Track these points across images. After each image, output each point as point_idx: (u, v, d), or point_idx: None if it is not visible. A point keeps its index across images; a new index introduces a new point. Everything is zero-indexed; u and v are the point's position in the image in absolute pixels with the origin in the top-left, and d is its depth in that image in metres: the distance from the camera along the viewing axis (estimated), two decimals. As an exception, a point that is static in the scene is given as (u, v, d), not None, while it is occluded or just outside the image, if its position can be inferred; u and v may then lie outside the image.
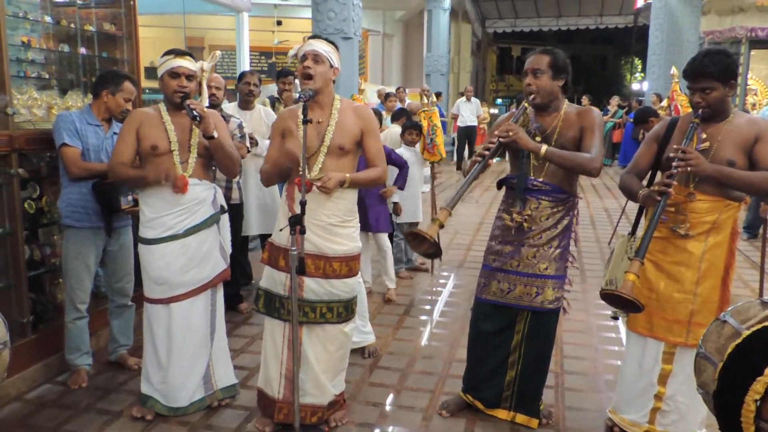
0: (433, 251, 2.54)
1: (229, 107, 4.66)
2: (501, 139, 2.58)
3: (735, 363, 1.03)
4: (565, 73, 2.74)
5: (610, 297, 2.35)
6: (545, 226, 2.76)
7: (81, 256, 3.23)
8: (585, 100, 14.66)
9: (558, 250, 2.79)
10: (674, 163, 2.38)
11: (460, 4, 18.30)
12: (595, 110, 2.79)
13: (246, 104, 4.52)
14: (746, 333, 1.04)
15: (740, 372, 1.01)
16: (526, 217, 2.74)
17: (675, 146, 2.46)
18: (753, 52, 13.27)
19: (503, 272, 2.82)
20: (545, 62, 2.71)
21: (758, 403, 0.99)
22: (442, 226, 2.50)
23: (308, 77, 2.63)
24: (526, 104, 2.73)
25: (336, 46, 2.75)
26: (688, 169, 2.37)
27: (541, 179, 2.74)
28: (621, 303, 2.33)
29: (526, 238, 2.78)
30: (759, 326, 1.04)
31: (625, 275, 2.32)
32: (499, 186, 2.94)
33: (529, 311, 2.83)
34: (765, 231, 4.18)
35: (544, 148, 2.61)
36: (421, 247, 2.52)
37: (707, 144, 2.49)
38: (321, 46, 2.67)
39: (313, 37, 2.73)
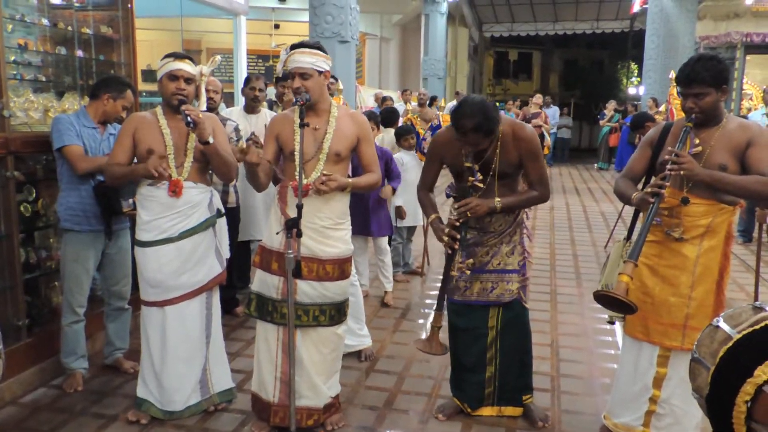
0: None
1: (234, 111, 4.68)
2: (461, 221, 2.72)
3: (726, 366, 1.04)
4: (493, 131, 2.64)
5: (603, 299, 2.36)
6: (499, 231, 2.86)
7: (80, 259, 3.22)
8: (538, 99, 12.97)
9: (510, 246, 2.88)
10: (668, 167, 2.39)
11: (458, 8, 18.34)
12: (528, 129, 2.82)
13: (251, 108, 4.53)
14: (737, 336, 1.05)
15: (731, 374, 1.03)
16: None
17: (669, 149, 2.48)
18: (748, 57, 13.34)
19: (461, 272, 2.88)
20: (480, 137, 2.62)
21: (749, 404, 1.00)
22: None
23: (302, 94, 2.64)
24: (468, 165, 2.70)
25: (321, 48, 2.73)
26: (681, 172, 2.39)
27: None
28: (614, 304, 2.33)
29: (479, 242, 2.86)
30: (749, 329, 1.05)
31: (618, 277, 2.33)
32: (448, 195, 3.00)
33: (499, 307, 2.89)
34: (760, 235, 4.20)
35: (498, 204, 2.74)
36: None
37: (700, 148, 2.51)
38: (305, 60, 2.65)
39: (296, 46, 2.70)
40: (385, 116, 5.87)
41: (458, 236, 2.74)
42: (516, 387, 2.98)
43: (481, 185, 2.74)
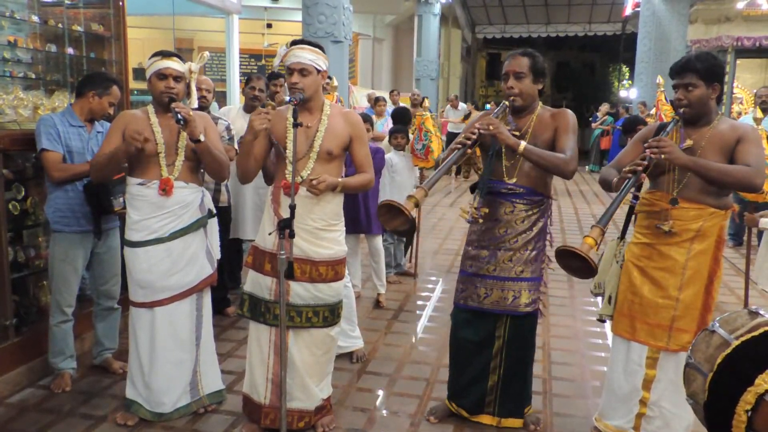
0: (407, 228, 2.45)
1: (233, 110, 4.67)
2: (482, 131, 2.57)
3: (725, 373, 1.03)
4: (543, 76, 2.76)
5: (564, 254, 2.27)
6: (521, 230, 2.78)
7: (69, 258, 3.18)
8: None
9: (534, 253, 2.80)
10: (647, 151, 2.38)
11: (450, 9, 18.36)
12: (570, 112, 2.82)
13: (251, 108, 4.52)
14: (736, 343, 1.03)
15: (730, 382, 1.01)
16: (482, 213, 2.70)
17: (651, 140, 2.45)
18: (739, 61, 13.42)
19: (480, 277, 2.82)
20: (526, 65, 2.71)
21: (749, 413, 0.98)
22: (417, 205, 2.46)
23: (298, 90, 2.62)
24: (506, 103, 2.74)
25: (321, 48, 2.72)
26: (662, 156, 2.37)
27: (513, 181, 2.75)
28: (577, 267, 2.26)
29: (502, 241, 2.79)
30: (748, 336, 1.03)
31: (584, 239, 2.28)
32: (472, 190, 2.89)
33: (509, 316, 2.83)
34: (749, 239, 4.22)
35: (522, 144, 2.61)
36: (392, 222, 2.45)
37: (691, 142, 2.51)
38: (306, 56, 2.63)
39: (297, 42, 2.69)
40: (397, 115, 5.79)
41: (473, 135, 2.57)
42: (518, 398, 2.94)
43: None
